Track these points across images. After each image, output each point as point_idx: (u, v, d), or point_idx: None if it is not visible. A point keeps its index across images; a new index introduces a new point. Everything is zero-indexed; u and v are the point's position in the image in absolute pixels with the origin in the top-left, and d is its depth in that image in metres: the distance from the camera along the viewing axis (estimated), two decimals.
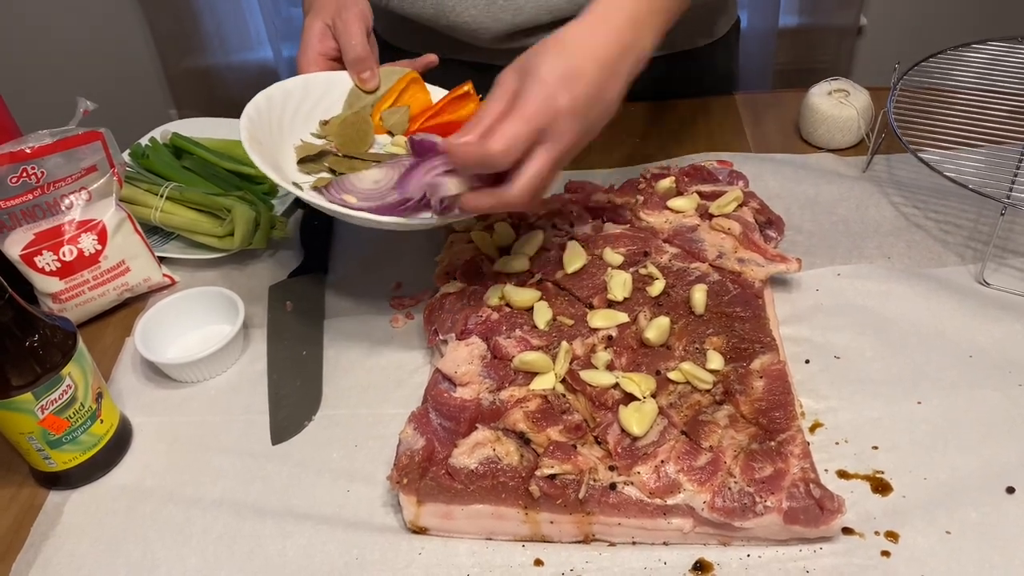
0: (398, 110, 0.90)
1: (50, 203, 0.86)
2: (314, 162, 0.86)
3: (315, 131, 0.89)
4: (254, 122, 0.82)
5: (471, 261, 0.87)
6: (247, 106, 0.83)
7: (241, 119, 0.81)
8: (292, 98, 0.88)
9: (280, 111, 0.86)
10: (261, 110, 0.84)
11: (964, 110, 0.96)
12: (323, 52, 0.90)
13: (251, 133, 0.80)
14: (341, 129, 0.88)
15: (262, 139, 0.82)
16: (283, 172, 0.81)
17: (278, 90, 0.87)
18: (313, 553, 0.70)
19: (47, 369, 0.70)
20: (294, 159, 0.86)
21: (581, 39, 0.70)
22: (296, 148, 0.86)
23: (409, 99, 0.91)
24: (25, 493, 0.77)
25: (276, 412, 0.82)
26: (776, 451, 0.67)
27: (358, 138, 0.88)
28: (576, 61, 0.68)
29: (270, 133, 0.84)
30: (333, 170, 0.85)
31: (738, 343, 0.76)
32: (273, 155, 0.83)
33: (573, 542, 0.69)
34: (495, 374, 0.74)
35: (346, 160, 0.85)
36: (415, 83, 0.91)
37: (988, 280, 0.86)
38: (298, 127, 0.88)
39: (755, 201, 0.91)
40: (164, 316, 0.87)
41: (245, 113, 0.82)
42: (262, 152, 0.79)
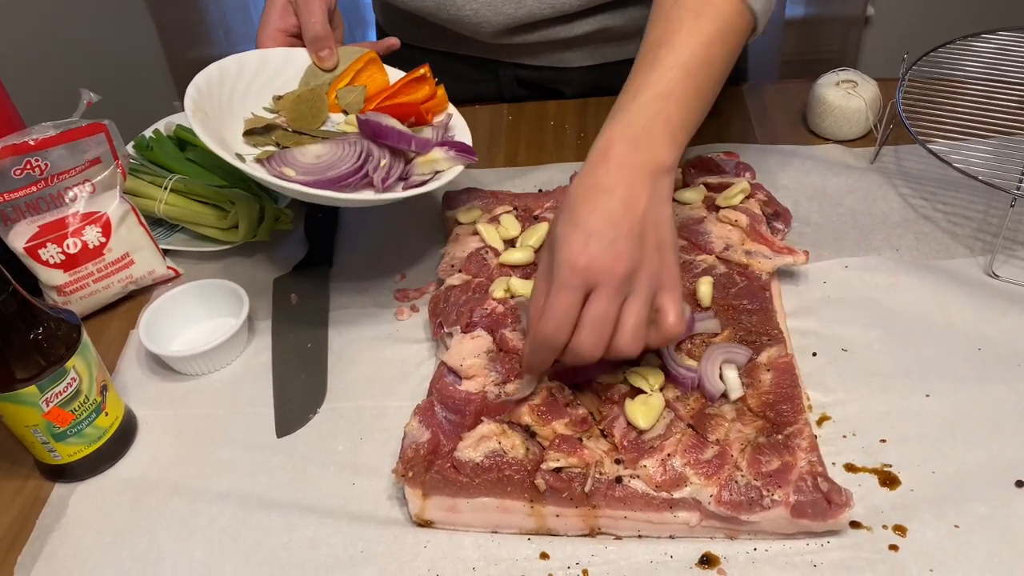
0: (354, 89, 0.90)
1: (54, 195, 0.86)
2: (261, 135, 0.86)
3: (268, 105, 0.89)
4: (202, 92, 0.82)
5: (476, 253, 0.86)
6: (196, 76, 0.83)
7: (188, 88, 0.81)
8: (246, 71, 0.88)
9: (232, 84, 0.86)
10: (212, 81, 0.84)
11: (973, 101, 0.95)
12: (283, 28, 0.90)
13: (197, 103, 0.80)
14: (294, 105, 0.88)
15: (208, 110, 0.81)
16: (227, 144, 0.81)
17: (232, 62, 0.87)
18: (318, 546, 0.69)
19: (51, 362, 0.69)
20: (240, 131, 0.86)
21: (582, 191, 0.66)
22: (245, 120, 0.86)
23: (367, 79, 0.91)
24: (30, 486, 0.77)
25: (281, 405, 0.81)
26: (783, 444, 0.67)
27: (311, 115, 0.88)
28: (582, 212, 0.65)
29: (219, 105, 0.84)
30: (279, 144, 0.85)
31: (745, 336, 0.75)
32: (219, 127, 0.83)
33: (579, 535, 0.68)
34: (500, 367, 0.74)
35: (294, 135, 0.85)
36: (373, 63, 0.91)
37: (997, 272, 0.86)
38: (250, 101, 0.88)
39: (762, 193, 0.90)
40: (168, 309, 0.87)
41: (193, 83, 0.82)
42: (206, 122, 0.79)
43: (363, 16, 2.18)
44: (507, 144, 1.10)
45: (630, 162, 0.67)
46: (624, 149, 0.67)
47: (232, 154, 0.78)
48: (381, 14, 1.21)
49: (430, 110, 0.90)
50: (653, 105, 0.69)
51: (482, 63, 1.14)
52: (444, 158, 0.83)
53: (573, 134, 1.11)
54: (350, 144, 0.83)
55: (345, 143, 0.83)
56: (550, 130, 1.12)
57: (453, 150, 0.84)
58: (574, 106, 1.15)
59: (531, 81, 1.16)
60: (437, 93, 0.90)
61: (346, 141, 0.83)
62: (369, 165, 0.82)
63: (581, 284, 0.64)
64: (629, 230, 0.65)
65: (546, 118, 1.14)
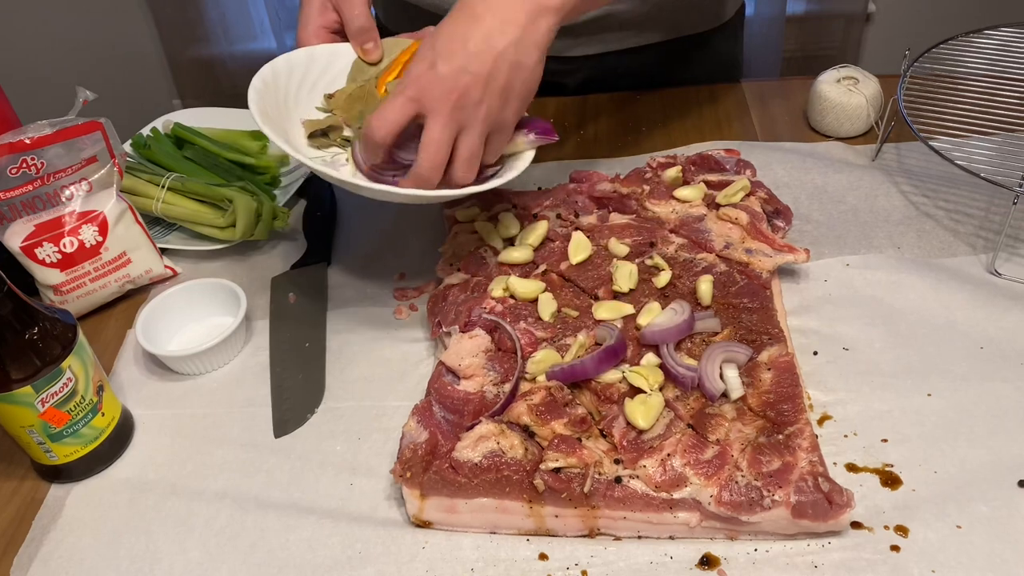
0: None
1: (50, 194, 0.86)
2: (323, 136, 0.84)
3: (320, 105, 0.88)
4: (262, 95, 0.80)
5: (475, 252, 0.86)
6: (254, 79, 0.81)
7: (249, 92, 0.79)
8: (296, 71, 0.86)
9: (285, 84, 0.85)
10: (268, 83, 0.82)
11: (975, 97, 0.95)
12: (324, 24, 0.89)
13: (261, 108, 0.78)
14: (348, 103, 0.86)
15: (271, 114, 0.80)
16: (298, 148, 0.80)
17: (283, 63, 0.85)
18: (316, 546, 0.69)
19: (47, 362, 0.69)
20: (302, 133, 0.85)
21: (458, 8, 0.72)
22: (303, 123, 0.85)
23: None
24: (27, 486, 0.77)
25: (279, 405, 0.81)
26: (784, 444, 0.66)
27: (367, 111, 0.87)
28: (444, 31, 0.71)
29: (276, 107, 0.82)
30: (345, 145, 0.84)
31: (745, 335, 0.75)
32: (284, 129, 0.81)
33: (578, 536, 0.68)
34: (499, 367, 0.73)
35: (359, 131, 0.84)
36: None
37: (999, 270, 0.85)
38: (303, 101, 0.86)
39: (763, 190, 0.89)
40: (166, 308, 0.87)
41: (253, 87, 0.80)
42: (275, 128, 0.78)
43: None
44: None
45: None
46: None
47: (307, 158, 0.76)
48: (380, 6, 1.20)
49: None
50: None
51: None
52: (524, 141, 0.80)
53: (572, 131, 1.10)
54: None
55: None
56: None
57: (533, 132, 0.81)
58: (573, 103, 1.14)
59: None
60: None
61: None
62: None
63: (415, 98, 0.70)
64: (479, 67, 0.69)
65: (545, 115, 1.13)
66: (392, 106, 0.71)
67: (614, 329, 0.74)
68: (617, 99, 1.14)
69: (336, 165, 0.82)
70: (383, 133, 0.72)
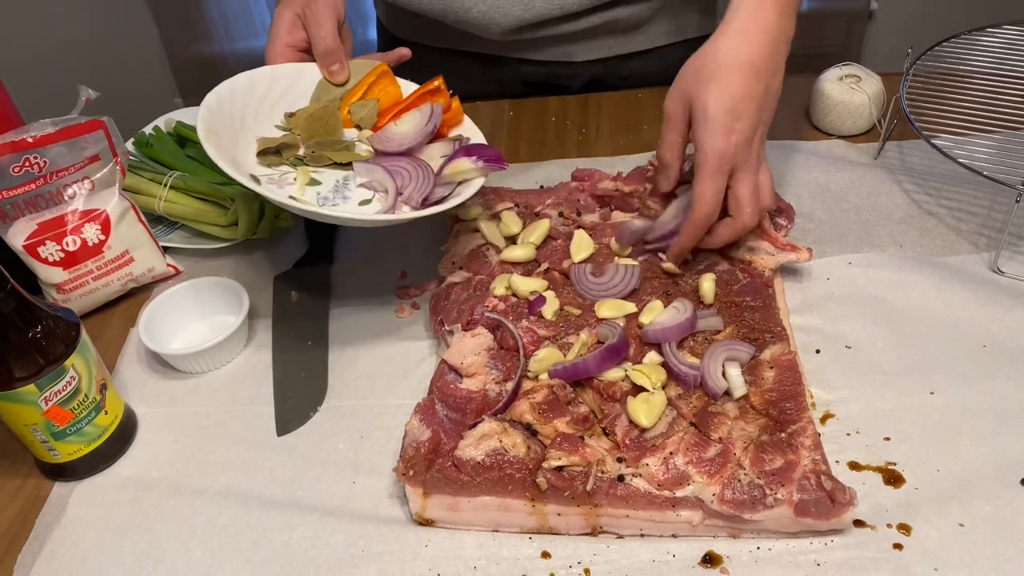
0: (367, 103, 0.88)
1: (53, 193, 0.86)
2: (275, 155, 0.84)
3: (280, 123, 0.87)
4: (213, 112, 0.80)
5: (477, 250, 0.86)
6: (208, 95, 0.81)
7: (200, 108, 0.79)
8: (257, 89, 0.86)
9: (244, 101, 0.85)
10: (223, 100, 0.82)
11: (978, 95, 0.94)
12: (292, 43, 0.89)
13: (209, 124, 0.78)
14: (308, 123, 0.86)
15: (220, 130, 0.80)
16: (241, 165, 0.80)
17: (243, 80, 0.85)
18: (319, 545, 0.69)
19: (50, 360, 0.69)
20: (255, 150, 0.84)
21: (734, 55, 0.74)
22: (258, 140, 0.85)
23: (379, 92, 0.89)
24: (30, 484, 0.77)
25: (281, 403, 0.81)
26: (787, 442, 0.66)
27: (325, 131, 0.86)
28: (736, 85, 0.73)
29: (231, 123, 0.83)
30: (296, 164, 0.84)
31: (748, 333, 0.75)
32: (233, 146, 0.81)
33: (581, 534, 0.68)
34: (501, 365, 0.73)
35: (316, 151, 0.84)
36: (385, 76, 0.89)
37: (1002, 268, 0.85)
38: (262, 119, 0.86)
39: None
40: (168, 306, 0.87)
41: (205, 103, 0.80)
42: (219, 143, 0.77)
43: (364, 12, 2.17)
44: (508, 140, 1.10)
45: (775, 29, 0.75)
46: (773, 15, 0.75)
47: (247, 176, 0.76)
48: (383, 10, 1.20)
49: (446, 122, 0.87)
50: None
51: (485, 59, 1.14)
52: (472, 168, 0.81)
53: (575, 130, 1.10)
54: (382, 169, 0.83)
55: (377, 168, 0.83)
56: (551, 126, 1.11)
57: (482, 159, 0.81)
58: (576, 102, 1.14)
59: (535, 76, 1.15)
60: (453, 105, 0.88)
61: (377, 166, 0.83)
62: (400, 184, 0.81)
63: (729, 169, 0.74)
64: (759, 109, 0.74)
65: (547, 114, 1.13)
66: (713, 184, 0.74)
67: (616, 327, 0.74)
68: (619, 98, 1.14)
69: (283, 183, 0.82)
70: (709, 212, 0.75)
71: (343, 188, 0.82)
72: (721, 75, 0.73)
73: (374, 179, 0.82)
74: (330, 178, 0.83)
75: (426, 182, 0.80)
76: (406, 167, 0.82)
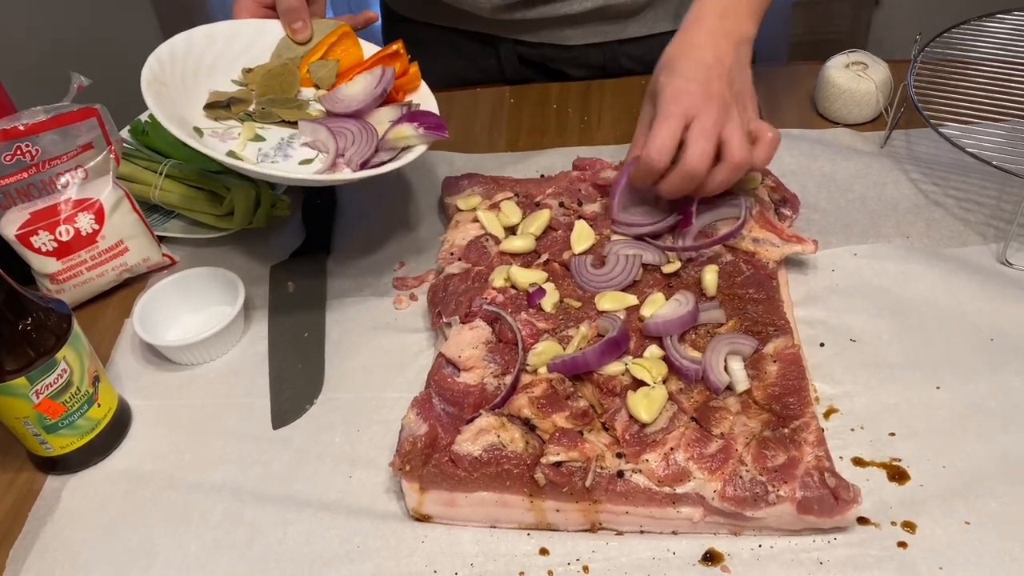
0: (327, 63, 0.88)
1: (45, 182, 0.84)
2: (224, 108, 0.83)
3: (236, 78, 0.87)
4: (164, 64, 0.79)
5: (476, 241, 0.84)
6: (160, 46, 0.80)
7: (148, 58, 0.78)
8: (216, 43, 0.85)
9: (199, 56, 0.84)
10: (177, 53, 0.82)
11: (987, 83, 0.93)
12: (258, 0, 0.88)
13: (155, 74, 0.77)
14: (265, 79, 0.86)
15: (168, 81, 0.79)
16: (186, 118, 0.79)
17: (201, 33, 0.85)
18: (314, 540, 0.68)
19: (41, 353, 0.68)
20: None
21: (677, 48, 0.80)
22: (210, 93, 0.84)
23: (340, 53, 0.89)
24: (23, 478, 0.76)
25: (277, 395, 0.80)
26: (789, 438, 0.65)
27: (282, 89, 0.86)
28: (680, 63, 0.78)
29: (182, 76, 0.82)
30: (244, 119, 0.83)
31: (751, 326, 0.74)
32: (180, 98, 0.80)
33: (579, 531, 0.67)
34: (500, 359, 0.72)
35: (267, 108, 0.83)
36: (347, 37, 0.89)
37: (1011, 260, 0.84)
38: (219, 73, 0.86)
39: (770, 178, 0.88)
40: (163, 297, 0.86)
41: (155, 53, 0.79)
42: (161, 93, 0.76)
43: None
44: (508, 128, 1.08)
45: (718, 28, 0.79)
46: (713, 19, 0.80)
47: (189, 129, 0.75)
48: None
49: (401, 87, 0.87)
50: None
51: (483, 39, 1.13)
52: (414, 134, 0.80)
53: (576, 118, 1.09)
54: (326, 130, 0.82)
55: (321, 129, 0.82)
56: (552, 114, 1.10)
57: (423, 126, 0.80)
58: (577, 88, 1.13)
59: (533, 59, 1.14)
60: (410, 70, 0.88)
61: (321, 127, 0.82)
62: (342, 145, 0.81)
63: (682, 113, 0.75)
64: (719, 76, 0.77)
65: (549, 101, 1.12)
66: (665, 130, 0.75)
67: (616, 320, 0.73)
68: (620, 85, 1.12)
69: (226, 138, 0.81)
70: (664, 156, 0.76)
71: (287, 146, 0.82)
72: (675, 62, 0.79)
73: (318, 139, 0.82)
74: (275, 135, 0.83)
75: (368, 145, 0.80)
76: (351, 128, 0.82)
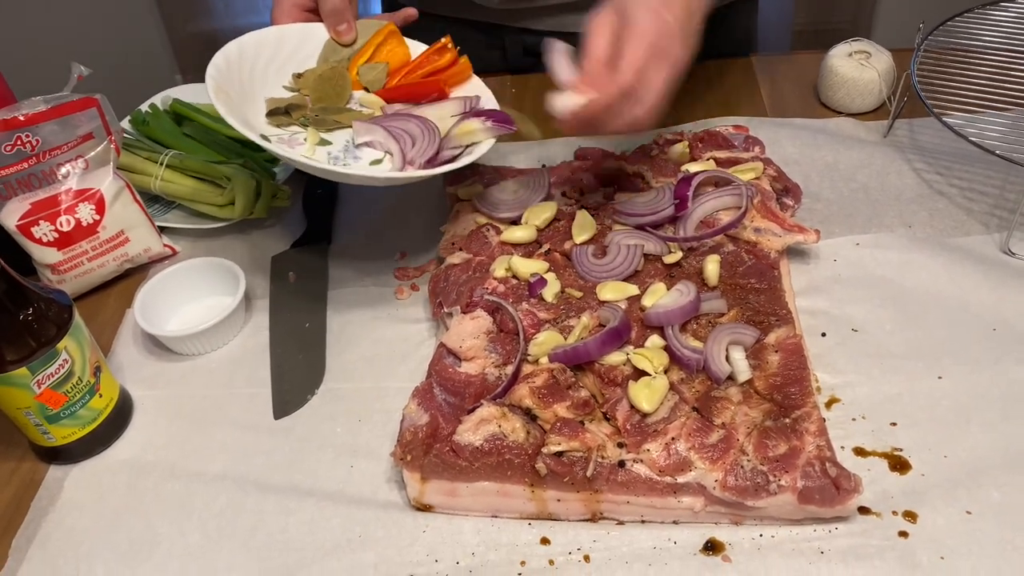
0: (376, 66, 0.88)
1: (46, 172, 0.84)
2: (284, 115, 0.84)
3: (288, 84, 0.87)
4: (222, 71, 0.80)
5: (477, 231, 0.84)
6: (216, 55, 0.81)
7: (208, 68, 0.79)
8: (265, 49, 0.86)
9: (252, 62, 0.84)
10: (231, 60, 0.82)
11: (990, 72, 0.92)
12: (298, 3, 0.89)
13: (218, 83, 0.78)
14: (317, 84, 0.86)
15: (230, 90, 0.80)
16: (251, 125, 0.79)
17: (251, 40, 0.85)
18: (316, 529, 0.68)
19: (42, 343, 0.68)
20: (263, 111, 0.84)
21: None
22: (267, 100, 0.84)
23: (387, 54, 0.89)
24: (25, 468, 0.76)
25: (279, 385, 0.80)
26: (791, 428, 0.65)
27: (335, 93, 0.86)
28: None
29: (240, 84, 0.82)
30: (305, 124, 0.83)
31: (752, 316, 0.74)
32: (243, 106, 0.81)
33: (581, 520, 0.67)
34: (500, 349, 0.72)
35: (319, 116, 0.83)
36: (393, 36, 0.89)
37: (1014, 250, 0.83)
38: (270, 79, 0.86)
39: (772, 168, 0.88)
40: (165, 287, 0.86)
41: (213, 62, 0.80)
42: (229, 103, 0.77)
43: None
44: None
45: None
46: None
47: (258, 135, 0.76)
48: None
49: (449, 80, 0.87)
50: None
51: (487, 28, 1.12)
52: (481, 129, 0.81)
53: None
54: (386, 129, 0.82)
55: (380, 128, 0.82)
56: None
57: (490, 120, 0.81)
58: None
59: (537, 48, 1.14)
60: (459, 61, 0.88)
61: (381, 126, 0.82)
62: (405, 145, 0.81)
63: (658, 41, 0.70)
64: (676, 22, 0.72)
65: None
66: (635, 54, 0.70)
67: (618, 310, 0.72)
68: None
69: (293, 143, 0.82)
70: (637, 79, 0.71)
71: (352, 148, 0.82)
72: None
73: (375, 139, 0.82)
74: (340, 138, 0.84)
75: (431, 143, 0.80)
76: (413, 128, 0.81)
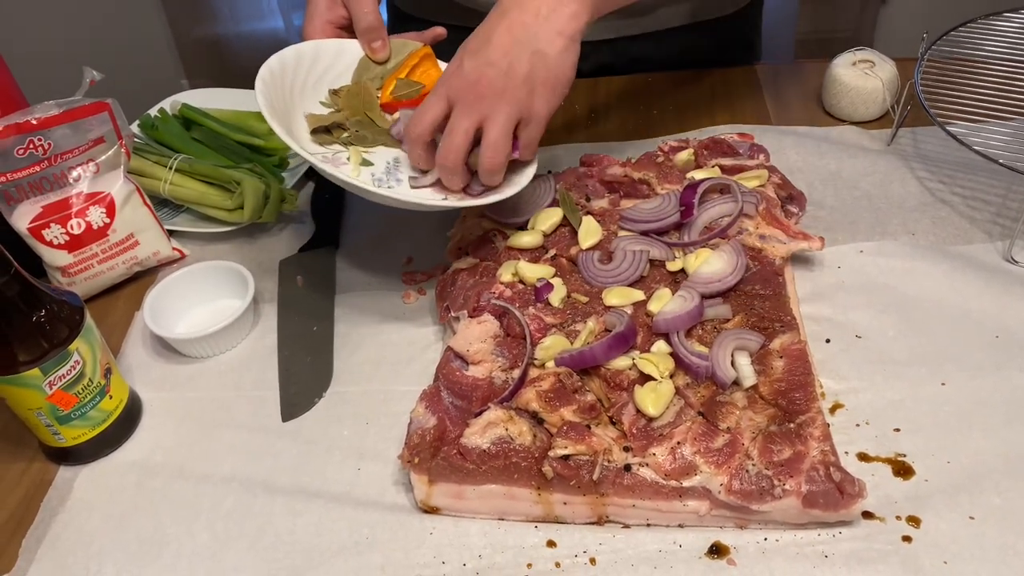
0: (412, 84, 0.88)
1: (57, 175, 0.85)
2: (326, 133, 0.84)
3: (324, 100, 0.87)
4: (268, 86, 0.80)
5: (484, 236, 0.85)
6: (262, 69, 0.80)
7: (257, 83, 0.79)
8: (303, 64, 0.85)
9: (292, 76, 0.84)
10: (275, 74, 0.82)
11: (994, 81, 0.93)
12: (332, 20, 0.88)
13: (268, 99, 0.78)
14: (350, 100, 0.86)
15: (276, 105, 0.80)
16: (299, 141, 0.79)
17: (291, 54, 0.85)
18: (323, 531, 0.69)
19: (54, 344, 0.69)
20: (305, 127, 0.84)
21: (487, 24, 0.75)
22: (307, 117, 0.84)
23: (422, 75, 0.88)
24: (35, 468, 0.77)
25: (286, 388, 0.81)
26: (795, 433, 0.66)
27: (364, 107, 0.86)
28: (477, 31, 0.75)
29: (282, 98, 0.82)
30: (347, 143, 0.84)
31: (757, 322, 0.74)
32: (287, 122, 0.81)
33: (587, 523, 0.68)
34: (508, 353, 0.72)
35: (360, 134, 0.84)
36: (428, 59, 0.89)
37: (1016, 258, 0.84)
38: (308, 95, 0.86)
39: (776, 175, 0.88)
40: (174, 290, 0.87)
41: (260, 77, 0.79)
42: (280, 120, 0.77)
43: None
44: None
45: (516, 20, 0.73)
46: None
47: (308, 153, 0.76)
48: None
49: None
50: None
51: None
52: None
53: (583, 113, 1.09)
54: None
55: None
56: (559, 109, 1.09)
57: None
58: (584, 84, 1.13)
59: None
60: None
61: None
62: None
63: (444, 94, 0.75)
64: (499, 58, 0.72)
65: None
66: (427, 104, 0.76)
67: (624, 315, 0.73)
68: (628, 82, 1.13)
69: (337, 162, 0.82)
70: (419, 130, 0.76)
71: (394, 170, 0.83)
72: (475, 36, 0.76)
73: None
74: (380, 159, 0.84)
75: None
76: None
